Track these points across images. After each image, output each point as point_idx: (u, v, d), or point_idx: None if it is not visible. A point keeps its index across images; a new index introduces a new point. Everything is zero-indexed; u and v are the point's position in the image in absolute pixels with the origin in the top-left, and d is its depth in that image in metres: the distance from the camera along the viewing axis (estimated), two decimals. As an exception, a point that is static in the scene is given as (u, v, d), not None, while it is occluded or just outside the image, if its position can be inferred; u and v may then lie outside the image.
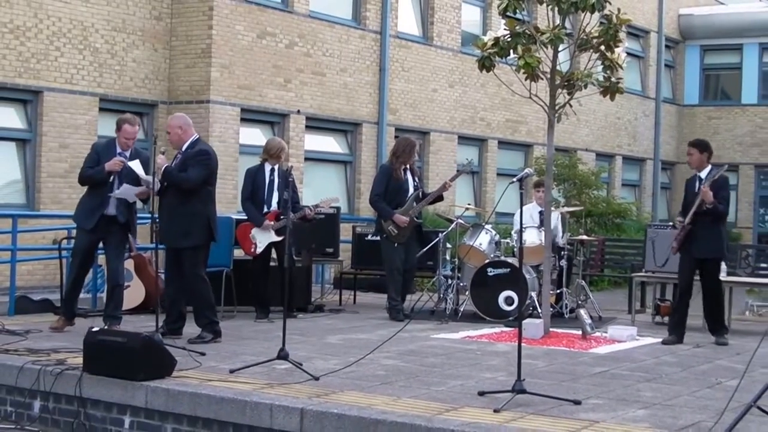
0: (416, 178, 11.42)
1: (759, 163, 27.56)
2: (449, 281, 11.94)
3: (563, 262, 11.79)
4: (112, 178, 9.25)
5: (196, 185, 8.97)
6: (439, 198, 11.50)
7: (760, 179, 27.89)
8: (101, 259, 10.39)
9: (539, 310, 10.77)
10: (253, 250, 10.84)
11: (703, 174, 9.97)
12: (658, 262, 11.43)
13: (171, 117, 9.53)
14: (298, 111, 17.19)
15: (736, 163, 26.60)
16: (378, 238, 11.47)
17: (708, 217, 9.74)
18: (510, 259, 11.44)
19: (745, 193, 27.12)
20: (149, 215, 9.21)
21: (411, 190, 11.28)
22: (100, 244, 9.63)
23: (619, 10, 9.88)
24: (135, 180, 9.23)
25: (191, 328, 9.16)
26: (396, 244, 11.16)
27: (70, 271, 9.66)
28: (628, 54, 25.25)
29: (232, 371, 7.29)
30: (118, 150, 9.30)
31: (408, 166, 11.33)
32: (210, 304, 9.10)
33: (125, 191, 9.20)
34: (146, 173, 9.18)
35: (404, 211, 11.13)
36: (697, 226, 9.76)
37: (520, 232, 7.91)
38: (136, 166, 9.17)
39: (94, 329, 7.52)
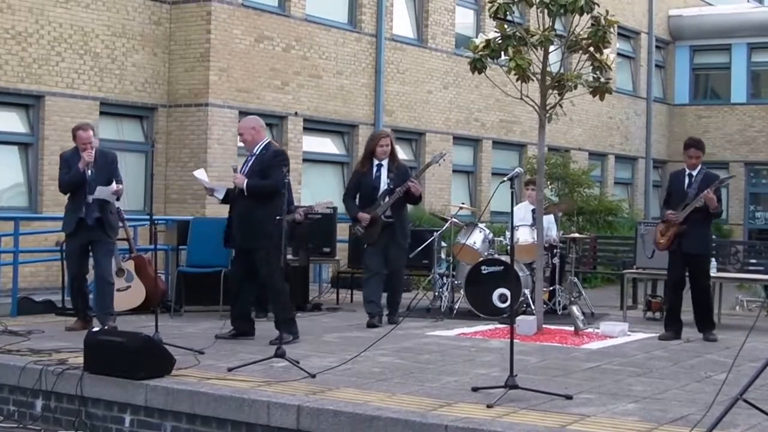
0: (392, 175, 10.50)
1: (748, 161, 27.71)
2: (444, 279, 12.06)
3: (556, 260, 11.90)
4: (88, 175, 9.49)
5: (279, 187, 9.02)
6: (412, 197, 10.63)
7: (750, 176, 28.07)
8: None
9: (532, 307, 10.91)
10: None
11: (695, 172, 9.92)
12: (647, 252, 11.39)
13: (243, 120, 9.65)
14: (296, 113, 17.33)
15: (727, 160, 26.79)
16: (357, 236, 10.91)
17: (700, 214, 9.77)
18: (503, 257, 11.57)
19: (736, 191, 27.25)
20: (148, 217, 9.35)
21: (383, 187, 10.52)
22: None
23: (607, 12, 10.01)
24: (107, 181, 9.51)
25: (189, 328, 9.27)
26: (366, 246, 10.58)
27: (68, 276, 9.80)
28: (620, 55, 25.52)
29: (230, 369, 7.37)
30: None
31: (384, 163, 10.56)
32: (285, 302, 9.12)
33: (101, 192, 9.48)
34: (113, 170, 9.51)
35: (372, 209, 10.47)
36: (687, 223, 9.79)
37: (512, 230, 8.03)
38: (200, 174, 9.46)
39: (95, 329, 7.64)
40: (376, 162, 10.60)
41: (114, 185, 9.61)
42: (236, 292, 9.33)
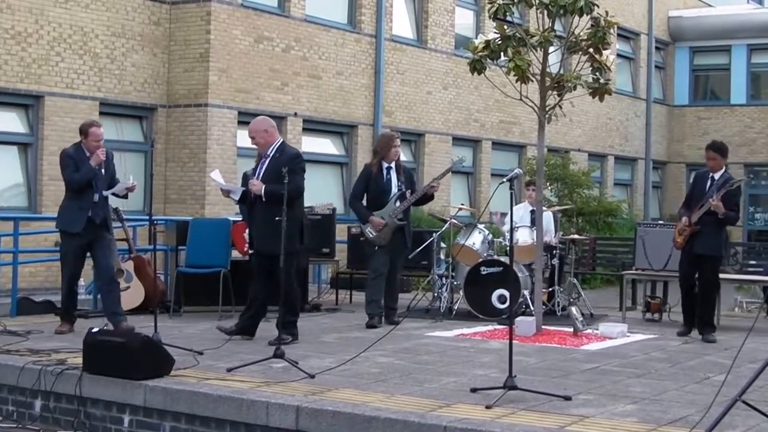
0: (402, 178, 10.63)
1: (748, 162, 27.70)
2: (443, 280, 12.06)
3: (555, 261, 11.91)
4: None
5: (300, 192, 9.00)
6: (427, 197, 10.84)
7: (750, 178, 28.06)
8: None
9: (532, 308, 10.91)
10: (246, 249, 10.94)
11: (717, 175, 10.03)
12: (655, 264, 11.36)
13: (253, 121, 9.35)
14: (295, 114, 17.34)
15: (726, 162, 26.78)
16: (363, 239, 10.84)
17: (712, 217, 9.84)
18: (503, 258, 11.57)
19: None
20: (147, 217, 9.34)
21: (394, 190, 10.57)
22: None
23: (607, 13, 10.01)
24: (111, 178, 9.51)
25: (191, 329, 9.24)
26: (377, 248, 10.48)
27: (63, 279, 9.68)
28: (620, 56, 25.53)
29: (229, 370, 7.38)
30: (87, 153, 9.42)
31: (393, 165, 10.61)
32: (296, 309, 9.14)
33: (118, 188, 9.48)
34: (112, 168, 9.46)
35: (384, 212, 10.48)
36: (701, 224, 9.89)
37: (511, 231, 8.02)
38: (216, 176, 9.42)
39: (94, 330, 7.63)
40: (385, 164, 10.61)
41: (131, 181, 9.60)
42: (256, 295, 9.27)
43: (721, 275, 11.46)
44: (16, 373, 7.69)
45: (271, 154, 9.14)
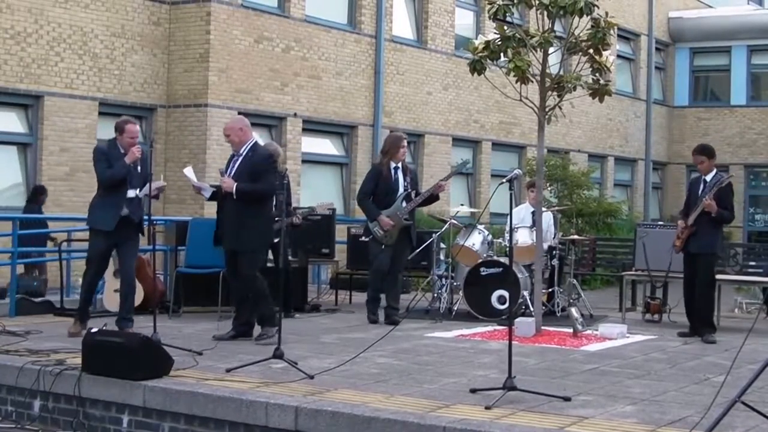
0: (408, 178, 10.83)
1: (748, 163, 27.74)
2: (443, 281, 12.06)
3: (555, 262, 11.91)
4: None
5: (272, 192, 9.03)
6: (433, 198, 10.97)
7: (750, 179, 28.09)
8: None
9: (531, 309, 10.91)
10: None
11: (709, 177, 10.17)
12: (654, 266, 11.37)
13: (230, 120, 9.54)
14: (295, 114, 17.34)
15: (726, 163, 26.78)
16: (367, 239, 10.94)
17: (707, 216, 9.97)
18: (502, 259, 11.57)
19: (735, 193, 27.22)
20: (147, 217, 9.30)
21: (401, 190, 10.75)
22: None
23: (607, 13, 10.02)
24: (144, 177, 9.34)
25: (190, 327, 9.22)
26: (383, 246, 10.63)
27: (85, 278, 9.53)
28: (620, 56, 25.54)
29: (228, 370, 7.37)
30: (122, 150, 9.27)
31: (400, 166, 10.80)
32: (266, 300, 9.05)
33: (147, 189, 9.25)
34: (144, 169, 9.35)
35: (392, 211, 10.63)
36: (697, 224, 10.02)
37: (510, 231, 8.01)
38: (189, 172, 9.38)
39: (93, 330, 7.62)
40: (393, 165, 10.78)
41: (162, 181, 9.51)
42: (241, 297, 9.29)
43: (721, 276, 11.49)
44: (15, 373, 7.66)
45: (243, 153, 9.18)
